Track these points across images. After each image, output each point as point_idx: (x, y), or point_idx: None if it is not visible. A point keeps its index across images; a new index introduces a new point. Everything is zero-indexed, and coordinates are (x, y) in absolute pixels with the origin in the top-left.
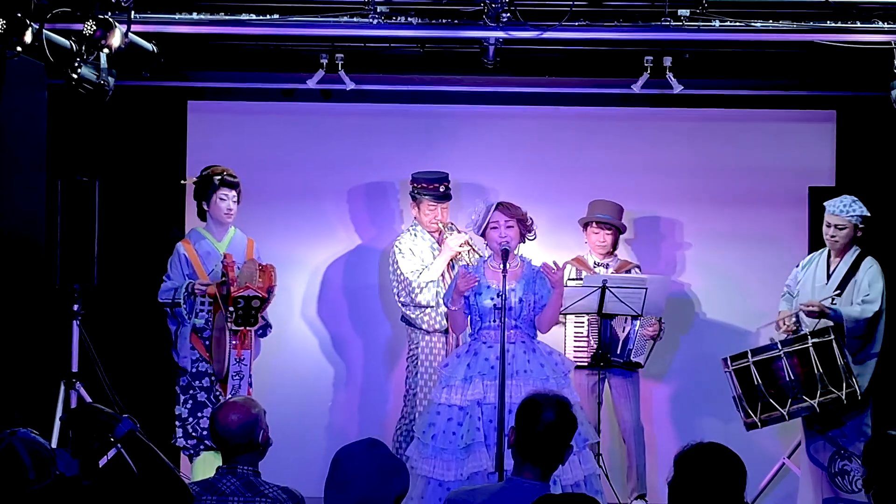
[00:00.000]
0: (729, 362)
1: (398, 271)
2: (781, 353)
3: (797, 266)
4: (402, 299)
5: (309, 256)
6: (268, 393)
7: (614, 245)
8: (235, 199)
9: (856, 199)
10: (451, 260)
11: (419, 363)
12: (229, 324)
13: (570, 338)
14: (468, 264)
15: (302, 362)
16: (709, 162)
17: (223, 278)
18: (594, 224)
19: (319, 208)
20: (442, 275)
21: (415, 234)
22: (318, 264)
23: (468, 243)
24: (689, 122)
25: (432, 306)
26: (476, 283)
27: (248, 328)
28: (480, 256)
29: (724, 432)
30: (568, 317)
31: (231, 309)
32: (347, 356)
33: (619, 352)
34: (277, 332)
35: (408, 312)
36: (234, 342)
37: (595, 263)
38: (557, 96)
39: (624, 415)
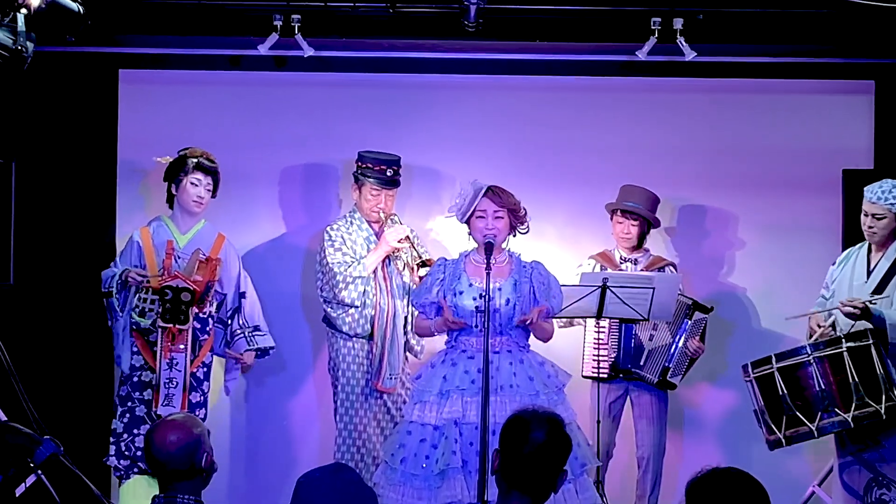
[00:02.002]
0: (750, 369)
1: (324, 261)
2: (811, 357)
3: (833, 264)
4: (323, 294)
5: (244, 243)
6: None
7: (640, 238)
8: (210, 187)
9: None
10: (388, 257)
11: (340, 373)
12: (160, 320)
13: (588, 345)
14: (445, 259)
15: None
16: (724, 141)
17: (162, 270)
18: (619, 213)
19: (260, 191)
20: (374, 273)
21: (350, 222)
22: (240, 247)
23: (408, 239)
24: (701, 94)
25: (356, 307)
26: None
27: (177, 326)
28: (420, 255)
29: (745, 454)
30: (588, 319)
31: (158, 303)
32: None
33: (641, 363)
34: None
35: (328, 310)
36: (165, 343)
37: (622, 259)
38: (549, 64)
39: (644, 438)
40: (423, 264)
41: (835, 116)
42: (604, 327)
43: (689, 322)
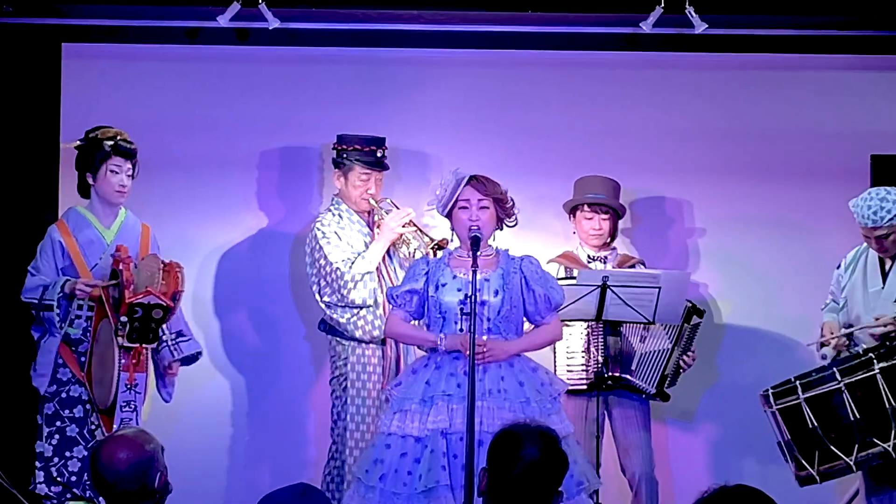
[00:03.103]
0: (772, 400)
1: (321, 261)
2: (842, 385)
3: (838, 267)
4: (326, 298)
5: (200, 242)
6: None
7: (612, 233)
8: (130, 172)
9: (885, 192)
10: (391, 245)
11: (350, 384)
12: (120, 338)
13: (560, 353)
14: (428, 255)
15: (188, 384)
16: (739, 124)
17: (114, 279)
18: (585, 207)
19: (223, 181)
20: (378, 268)
21: (339, 215)
22: (211, 252)
23: (412, 223)
24: (713, 71)
25: (369, 306)
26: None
27: (144, 345)
28: (433, 240)
29: (760, 476)
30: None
31: (124, 319)
32: (250, 375)
33: (633, 368)
34: None
35: (335, 316)
36: (124, 362)
37: (589, 258)
38: (543, 38)
39: (632, 454)
40: (439, 246)
41: (862, 96)
42: (571, 333)
43: (688, 327)
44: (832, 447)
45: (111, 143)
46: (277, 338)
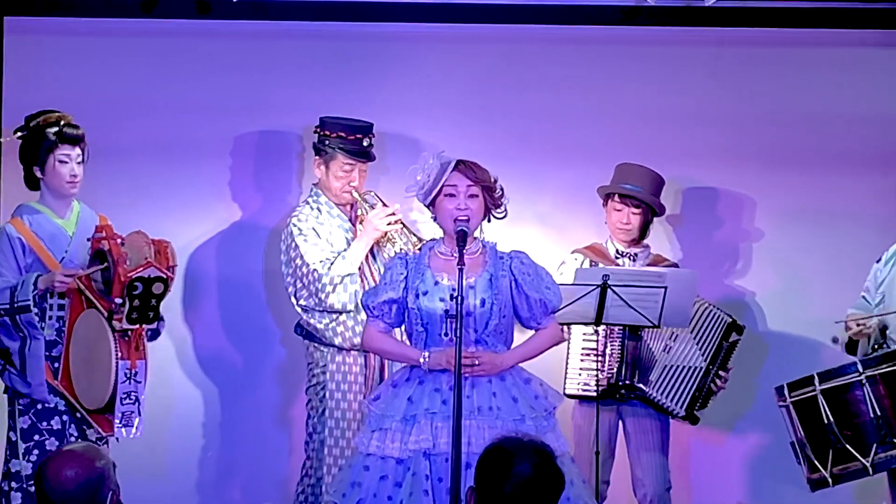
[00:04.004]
0: (786, 392)
1: (297, 261)
2: (863, 377)
3: (878, 261)
4: (303, 302)
5: (166, 237)
6: None
7: (643, 230)
8: (80, 159)
9: None
10: (375, 244)
11: (328, 395)
12: (116, 322)
13: (574, 355)
14: (406, 253)
15: (156, 392)
16: (754, 107)
17: (100, 262)
18: (616, 198)
19: (188, 169)
20: (360, 269)
21: (318, 209)
22: (181, 248)
23: (399, 220)
24: (726, 48)
25: (350, 311)
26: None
27: (144, 326)
28: (421, 240)
29: (774, 489)
30: (573, 325)
31: (119, 301)
32: (221, 383)
33: (651, 378)
34: None
35: (312, 321)
36: (119, 352)
37: (618, 253)
38: (539, 11)
39: (647, 474)
40: None
41: (893, 76)
42: (595, 334)
43: (727, 345)
44: (847, 446)
45: (55, 129)
46: (250, 341)
